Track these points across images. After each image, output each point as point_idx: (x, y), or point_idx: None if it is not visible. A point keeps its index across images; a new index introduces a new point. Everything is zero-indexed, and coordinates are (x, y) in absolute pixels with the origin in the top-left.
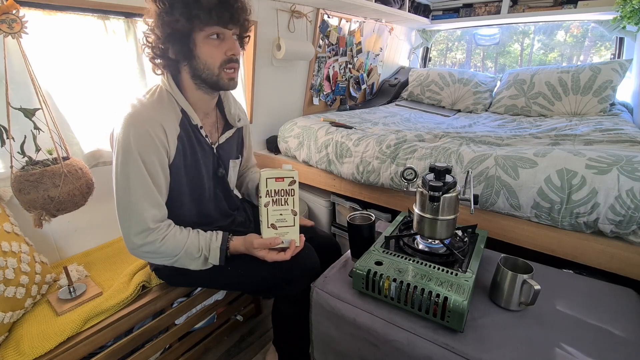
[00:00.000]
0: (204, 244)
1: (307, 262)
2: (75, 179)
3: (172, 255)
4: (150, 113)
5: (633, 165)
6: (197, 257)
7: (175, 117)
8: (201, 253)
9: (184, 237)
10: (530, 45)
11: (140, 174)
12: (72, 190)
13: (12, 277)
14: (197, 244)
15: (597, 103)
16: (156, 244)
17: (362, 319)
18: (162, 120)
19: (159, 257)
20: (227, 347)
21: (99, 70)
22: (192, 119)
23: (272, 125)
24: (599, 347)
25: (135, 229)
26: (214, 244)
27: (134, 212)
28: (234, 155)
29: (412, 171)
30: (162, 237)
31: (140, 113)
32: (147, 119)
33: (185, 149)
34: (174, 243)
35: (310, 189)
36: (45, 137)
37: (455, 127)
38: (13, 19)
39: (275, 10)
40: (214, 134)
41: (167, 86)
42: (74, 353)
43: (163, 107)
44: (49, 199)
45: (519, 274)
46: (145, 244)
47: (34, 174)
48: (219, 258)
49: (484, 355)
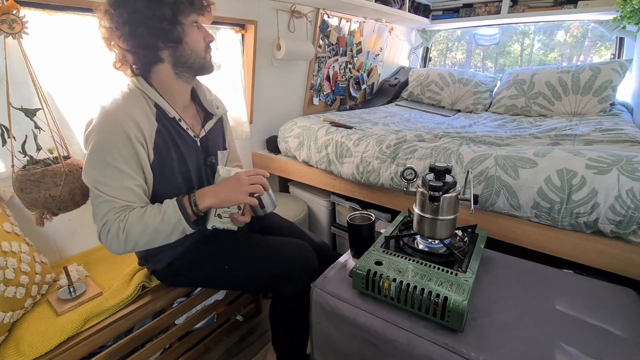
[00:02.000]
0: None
1: (304, 261)
2: (76, 178)
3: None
4: (123, 111)
5: (633, 165)
6: (170, 232)
7: (150, 112)
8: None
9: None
10: (530, 45)
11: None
12: (73, 189)
13: (12, 277)
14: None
15: (597, 103)
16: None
17: (362, 319)
18: (136, 117)
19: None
20: (227, 347)
21: (99, 70)
22: (168, 112)
23: (272, 125)
24: (599, 347)
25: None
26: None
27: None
28: (220, 147)
29: (412, 171)
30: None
31: (113, 112)
32: (119, 116)
33: (167, 142)
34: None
35: (310, 189)
36: (46, 137)
37: (455, 127)
38: (13, 19)
39: (275, 10)
40: (197, 126)
41: (137, 83)
42: (74, 353)
43: (135, 104)
44: (51, 198)
45: None
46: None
47: (35, 173)
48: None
49: (484, 355)
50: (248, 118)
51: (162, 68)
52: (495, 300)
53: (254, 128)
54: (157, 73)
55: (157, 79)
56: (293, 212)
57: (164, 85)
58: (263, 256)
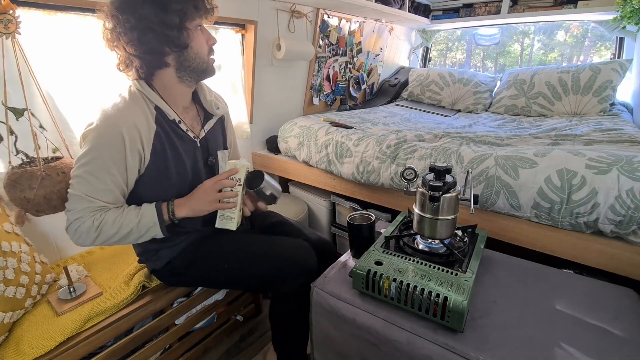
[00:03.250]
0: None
1: (303, 261)
2: (54, 183)
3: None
4: (123, 116)
5: (633, 165)
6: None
7: (149, 114)
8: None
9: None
10: (530, 45)
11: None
12: (49, 193)
13: (12, 277)
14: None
15: (597, 103)
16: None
17: (362, 318)
18: (136, 122)
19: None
20: (227, 347)
21: (98, 71)
22: (168, 114)
23: (272, 125)
24: (599, 347)
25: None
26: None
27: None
28: (220, 146)
29: (412, 171)
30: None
31: (113, 116)
32: (119, 120)
33: (164, 144)
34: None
35: (310, 189)
36: (50, 137)
37: (455, 127)
38: (9, 19)
39: (275, 10)
40: (197, 127)
41: (138, 86)
42: (74, 353)
43: (136, 108)
44: (25, 200)
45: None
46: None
47: (14, 174)
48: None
49: (484, 355)
50: (248, 118)
51: (166, 72)
52: (495, 300)
53: (254, 128)
54: (160, 76)
55: (160, 82)
56: (293, 212)
57: (166, 88)
58: (261, 255)
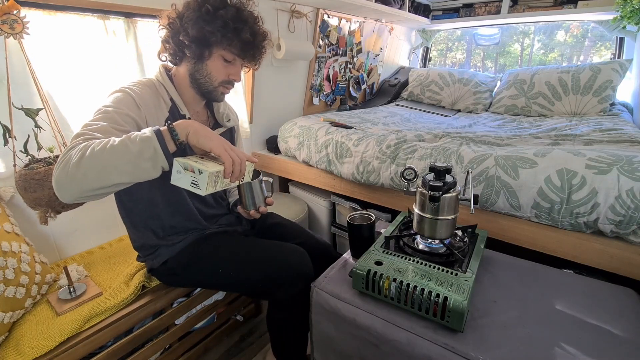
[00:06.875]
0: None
1: (299, 266)
2: None
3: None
4: (141, 93)
5: (633, 165)
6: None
7: (164, 103)
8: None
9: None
10: (530, 45)
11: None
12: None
13: (12, 277)
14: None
15: (597, 103)
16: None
17: (362, 318)
18: (152, 102)
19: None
20: (227, 347)
21: (99, 71)
22: (181, 109)
23: (272, 125)
24: (599, 347)
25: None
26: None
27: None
28: None
29: (412, 171)
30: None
31: (132, 90)
32: (137, 95)
33: None
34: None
35: (310, 189)
36: (45, 136)
37: (455, 127)
38: (14, 19)
39: (275, 10)
40: None
41: (159, 77)
42: (74, 353)
43: (153, 93)
44: (55, 197)
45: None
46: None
47: (39, 172)
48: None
49: (484, 355)
50: (248, 118)
51: (181, 70)
52: (495, 300)
53: (254, 128)
54: (178, 70)
55: (178, 76)
56: (293, 212)
57: (180, 86)
58: (256, 261)
